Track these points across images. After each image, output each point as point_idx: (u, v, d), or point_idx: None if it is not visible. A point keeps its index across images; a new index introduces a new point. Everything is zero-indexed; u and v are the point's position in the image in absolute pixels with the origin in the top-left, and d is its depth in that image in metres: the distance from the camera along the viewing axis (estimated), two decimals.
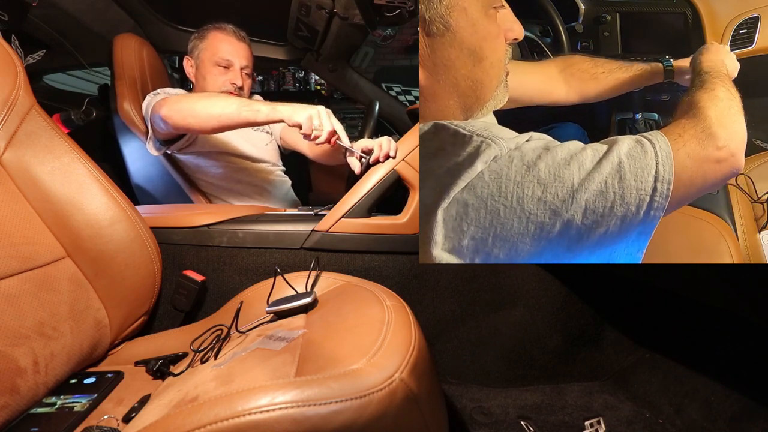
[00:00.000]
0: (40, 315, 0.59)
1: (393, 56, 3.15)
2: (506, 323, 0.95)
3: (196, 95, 1.06)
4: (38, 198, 0.66)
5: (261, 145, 1.37)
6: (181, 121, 1.01)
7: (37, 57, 1.31)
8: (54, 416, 0.56)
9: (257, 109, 0.93)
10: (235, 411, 0.38)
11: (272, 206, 1.29)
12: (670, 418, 0.84)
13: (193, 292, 0.81)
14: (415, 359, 0.45)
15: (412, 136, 0.86)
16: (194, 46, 1.27)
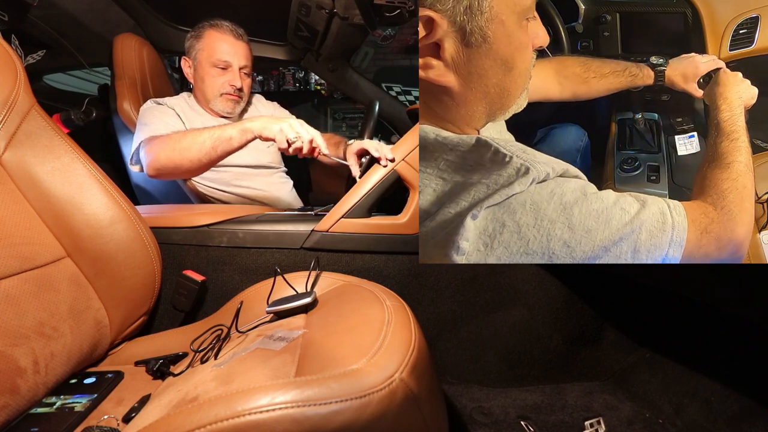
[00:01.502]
0: (40, 315, 0.59)
1: (393, 56, 3.15)
2: (506, 323, 0.95)
3: (171, 142, 0.99)
4: (38, 198, 0.66)
5: (263, 148, 1.34)
6: (174, 176, 1.05)
7: (37, 57, 1.31)
8: (54, 416, 0.56)
9: (228, 136, 0.91)
10: (235, 411, 0.38)
11: (274, 208, 1.28)
12: (670, 418, 0.84)
13: (193, 292, 0.81)
14: (415, 359, 0.45)
15: (412, 136, 0.86)
16: (191, 45, 1.24)
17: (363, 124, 1.19)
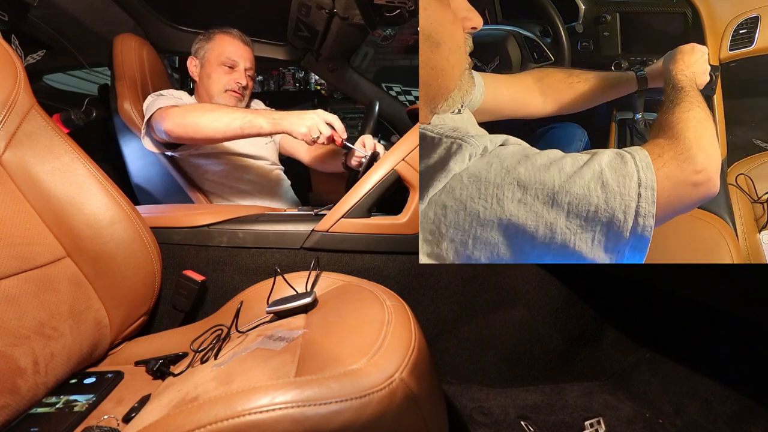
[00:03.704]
0: (40, 315, 0.59)
1: (393, 56, 3.15)
2: (506, 323, 0.95)
3: (200, 109, 1.06)
4: (38, 198, 0.66)
5: (261, 144, 1.37)
6: (184, 135, 1.04)
7: (37, 57, 1.31)
8: (54, 416, 0.56)
9: (260, 125, 0.99)
10: (235, 411, 0.38)
11: (272, 205, 1.29)
12: (670, 418, 0.84)
13: (193, 292, 0.81)
14: (415, 359, 0.45)
15: (412, 136, 0.86)
16: (200, 47, 1.29)
17: (363, 124, 1.19)
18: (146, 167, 1.29)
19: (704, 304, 0.78)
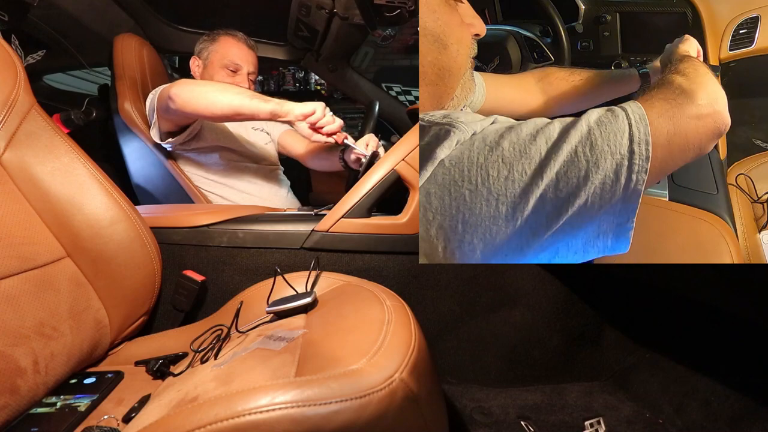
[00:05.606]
0: (40, 315, 0.59)
1: (393, 56, 3.14)
2: (506, 323, 0.95)
3: (208, 82, 1.08)
4: (38, 198, 0.66)
5: (261, 144, 1.37)
6: (189, 100, 1.01)
7: (37, 57, 1.31)
8: (54, 416, 0.56)
9: (266, 99, 0.99)
10: (235, 411, 0.38)
11: (272, 205, 1.29)
12: (670, 418, 0.84)
13: (193, 292, 0.81)
14: (415, 359, 0.45)
15: (412, 136, 0.86)
16: (204, 47, 1.30)
17: (363, 124, 1.19)
18: (146, 167, 1.29)
19: (704, 304, 0.78)
